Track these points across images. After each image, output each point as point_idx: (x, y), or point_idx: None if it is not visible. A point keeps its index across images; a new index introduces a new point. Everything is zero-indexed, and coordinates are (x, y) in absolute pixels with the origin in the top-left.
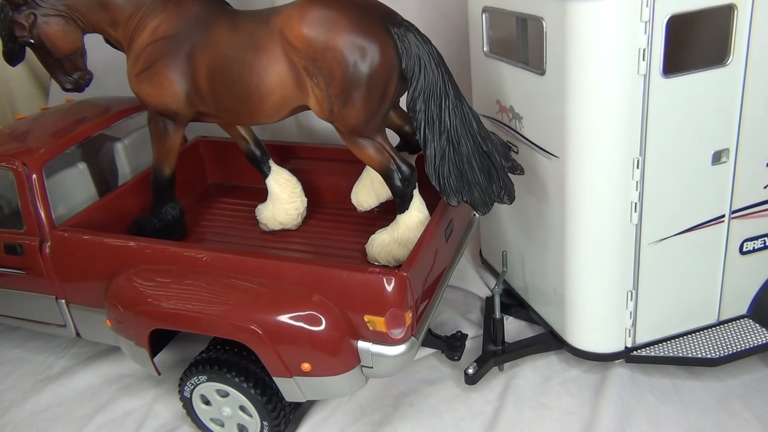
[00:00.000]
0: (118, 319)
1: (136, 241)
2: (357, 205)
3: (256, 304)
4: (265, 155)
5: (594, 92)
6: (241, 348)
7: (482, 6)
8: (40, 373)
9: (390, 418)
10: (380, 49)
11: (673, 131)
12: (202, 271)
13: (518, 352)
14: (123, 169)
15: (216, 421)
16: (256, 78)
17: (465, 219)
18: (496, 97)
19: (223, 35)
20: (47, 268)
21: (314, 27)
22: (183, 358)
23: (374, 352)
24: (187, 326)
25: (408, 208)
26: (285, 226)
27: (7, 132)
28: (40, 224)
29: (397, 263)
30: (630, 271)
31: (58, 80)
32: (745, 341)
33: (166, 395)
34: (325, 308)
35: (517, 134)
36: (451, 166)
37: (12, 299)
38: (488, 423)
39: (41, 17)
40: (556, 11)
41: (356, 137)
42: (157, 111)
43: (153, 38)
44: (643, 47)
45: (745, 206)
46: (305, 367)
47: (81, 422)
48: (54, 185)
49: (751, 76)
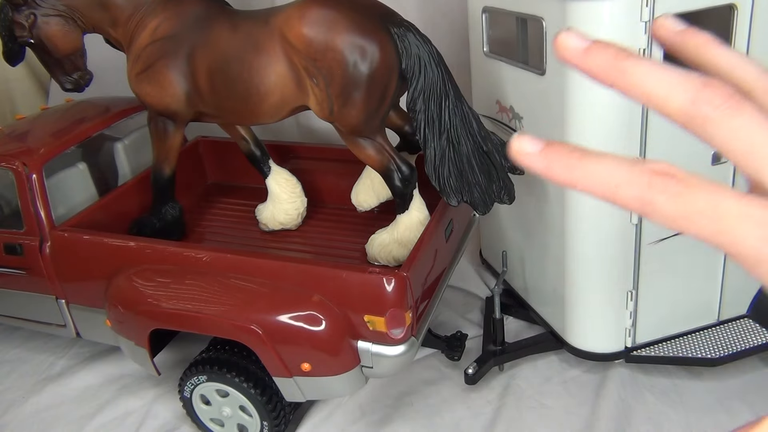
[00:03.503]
0: (118, 319)
1: (136, 241)
2: (357, 205)
3: (256, 304)
4: (265, 155)
5: (594, 92)
6: (241, 348)
7: (482, 6)
8: (40, 373)
9: (390, 418)
10: (380, 49)
11: (673, 131)
12: (202, 271)
13: (518, 352)
14: (123, 169)
15: (216, 421)
16: (256, 78)
17: (465, 219)
18: (496, 97)
19: (224, 35)
20: (47, 268)
21: (314, 27)
22: (183, 358)
23: (374, 352)
24: (187, 326)
25: (408, 208)
26: (285, 226)
27: (7, 132)
28: (40, 224)
29: (397, 263)
30: (630, 271)
31: (58, 80)
32: (745, 341)
33: (166, 395)
34: (325, 308)
35: None
36: (451, 166)
37: (12, 299)
38: (488, 423)
39: (41, 17)
40: (556, 11)
41: (356, 137)
42: (157, 111)
43: (153, 38)
44: (643, 47)
45: None
46: (305, 367)
47: (81, 422)
48: (54, 185)
49: None
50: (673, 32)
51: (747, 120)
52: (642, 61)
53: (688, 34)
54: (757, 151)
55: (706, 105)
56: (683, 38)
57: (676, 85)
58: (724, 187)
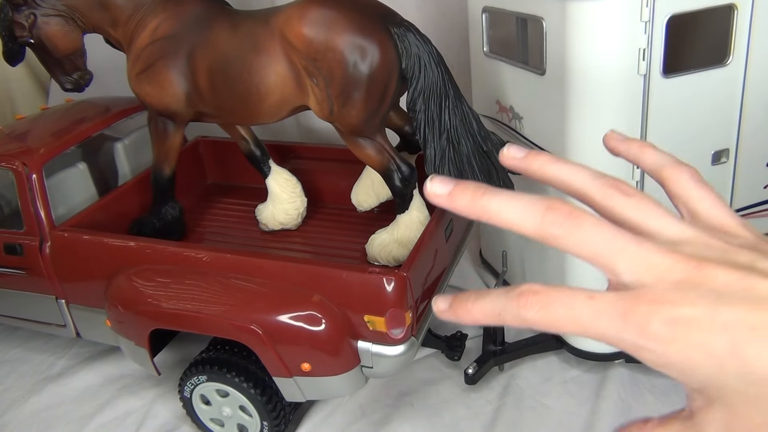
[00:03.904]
0: (118, 319)
1: (136, 241)
2: (357, 205)
3: (255, 304)
4: (265, 155)
5: (594, 92)
6: (241, 348)
7: (482, 6)
8: (40, 373)
9: (390, 418)
10: (380, 49)
11: (673, 131)
12: (202, 271)
13: (518, 352)
14: (123, 169)
15: (216, 421)
16: (256, 78)
17: (465, 219)
18: (496, 97)
19: (224, 35)
20: (47, 268)
21: (314, 27)
22: (183, 358)
23: (374, 352)
24: (187, 326)
25: (408, 208)
26: (285, 226)
27: (7, 132)
28: (40, 224)
29: (397, 263)
30: None
31: (58, 80)
32: None
33: (166, 395)
34: (325, 308)
35: (517, 134)
36: (451, 166)
37: (12, 299)
38: (488, 423)
39: (41, 17)
40: (556, 11)
41: (356, 137)
42: (157, 111)
43: (153, 38)
44: (643, 47)
45: (745, 206)
46: (305, 367)
47: (81, 422)
48: (54, 185)
49: (751, 76)
50: (516, 160)
51: (587, 231)
52: (495, 195)
53: (529, 158)
54: (601, 253)
55: (551, 226)
56: (526, 163)
57: (525, 211)
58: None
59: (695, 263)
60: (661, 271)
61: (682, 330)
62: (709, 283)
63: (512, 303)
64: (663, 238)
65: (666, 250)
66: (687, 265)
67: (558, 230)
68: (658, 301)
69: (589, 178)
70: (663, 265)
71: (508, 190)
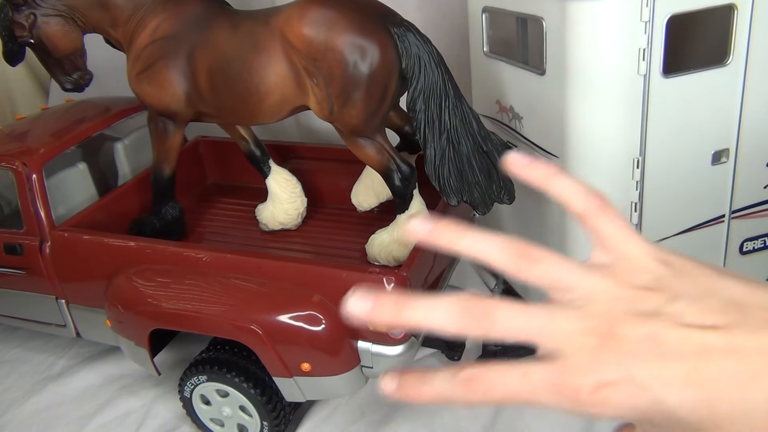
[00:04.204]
0: (118, 319)
1: (136, 241)
2: (357, 205)
3: (256, 304)
4: (265, 155)
5: (594, 92)
6: (241, 348)
7: (482, 6)
8: (40, 373)
9: (390, 418)
10: (380, 49)
11: (673, 131)
12: (202, 271)
13: (518, 352)
14: (123, 169)
15: (216, 421)
16: (256, 78)
17: (465, 219)
18: (496, 97)
19: (224, 35)
20: (47, 268)
21: (314, 27)
22: (183, 358)
23: (374, 352)
24: (187, 326)
25: (408, 208)
26: (285, 226)
27: (7, 132)
28: (40, 224)
29: (397, 263)
30: None
31: (58, 80)
32: None
33: (166, 395)
34: (325, 308)
35: (517, 134)
36: (451, 166)
37: (12, 299)
38: (488, 423)
39: (41, 17)
40: (556, 11)
41: (356, 137)
42: (157, 111)
43: (153, 38)
44: (643, 47)
45: (745, 206)
46: (305, 367)
47: (81, 422)
48: (54, 185)
49: (751, 76)
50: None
51: (502, 323)
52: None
53: (436, 231)
54: (524, 337)
55: (471, 329)
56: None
57: (446, 317)
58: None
59: (606, 327)
60: (579, 341)
61: (609, 392)
62: (622, 345)
63: (459, 390)
64: (576, 296)
65: (579, 316)
66: (600, 328)
67: (478, 331)
68: (581, 372)
69: (498, 251)
70: (578, 335)
71: (427, 299)
